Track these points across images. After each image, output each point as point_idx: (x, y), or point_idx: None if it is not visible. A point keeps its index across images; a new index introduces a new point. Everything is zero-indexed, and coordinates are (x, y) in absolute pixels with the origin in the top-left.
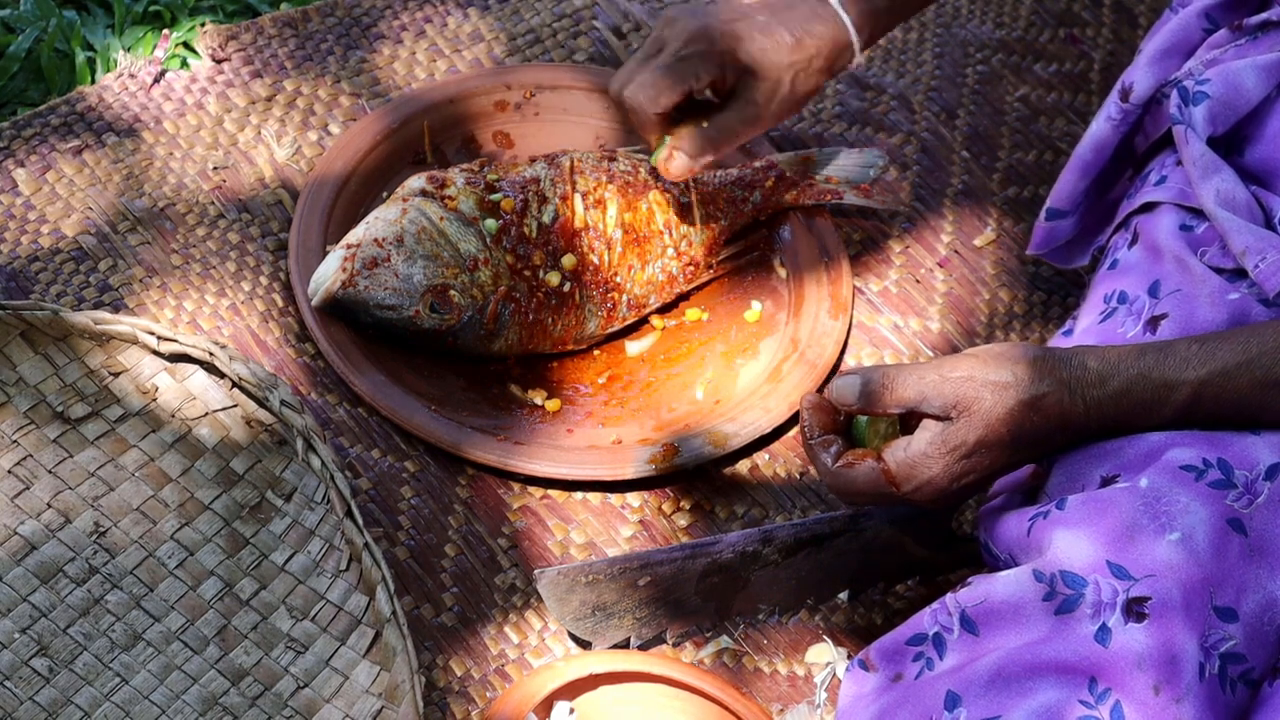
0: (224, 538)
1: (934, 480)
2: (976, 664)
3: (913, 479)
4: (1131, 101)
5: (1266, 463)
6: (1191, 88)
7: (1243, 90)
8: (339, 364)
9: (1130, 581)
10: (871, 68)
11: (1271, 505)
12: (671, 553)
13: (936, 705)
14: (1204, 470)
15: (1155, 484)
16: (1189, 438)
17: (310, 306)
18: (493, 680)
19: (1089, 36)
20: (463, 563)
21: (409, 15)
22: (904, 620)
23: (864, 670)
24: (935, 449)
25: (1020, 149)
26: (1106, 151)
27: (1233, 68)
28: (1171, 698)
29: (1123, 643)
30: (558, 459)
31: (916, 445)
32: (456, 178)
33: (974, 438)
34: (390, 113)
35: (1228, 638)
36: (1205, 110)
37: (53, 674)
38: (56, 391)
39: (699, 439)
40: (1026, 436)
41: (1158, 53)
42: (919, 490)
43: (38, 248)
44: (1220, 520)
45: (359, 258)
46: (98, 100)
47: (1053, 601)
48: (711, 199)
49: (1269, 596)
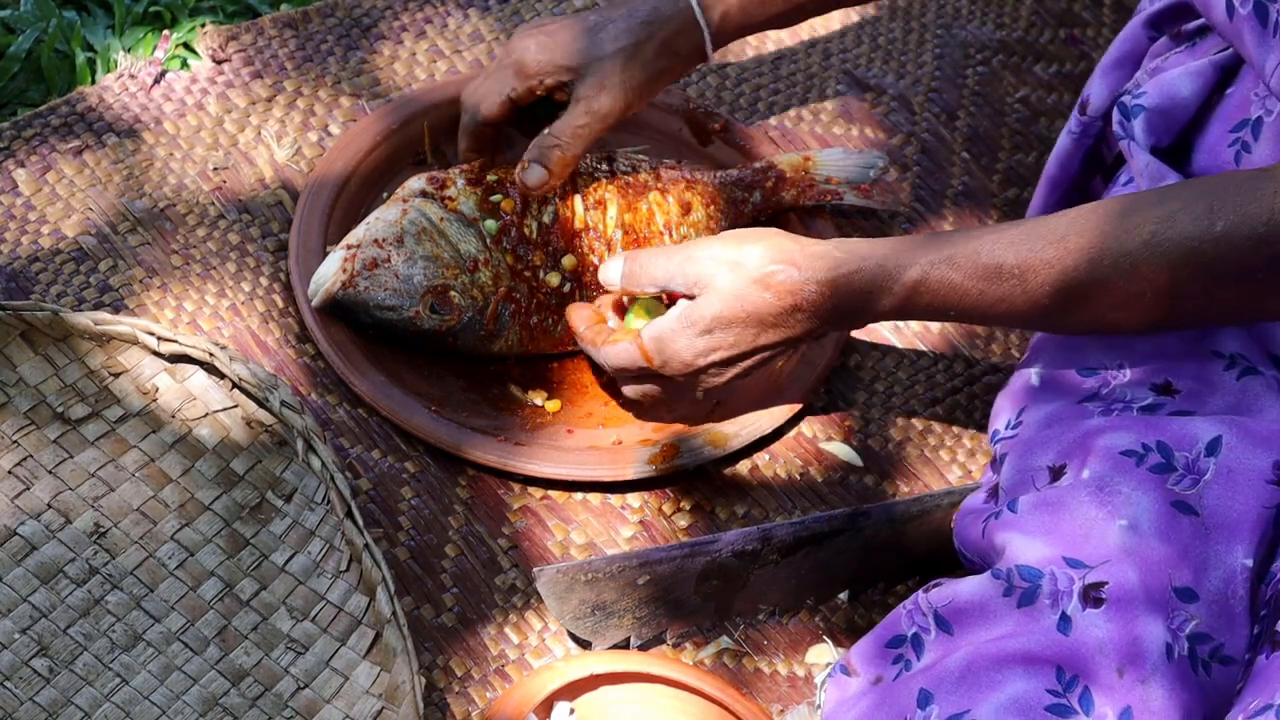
0: (224, 538)
1: (680, 354)
2: (947, 660)
3: (662, 353)
4: (1089, 114)
5: (1206, 438)
6: (1129, 102)
7: (1178, 99)
8: (339, 364)
9: (1085, 569)
10: (872, 68)
11: (1219, 480)
12: (670, 551)
13: (910, 704)
14: (1144, 455)
15: (1097, 473)
16: (1127, 421)
17: (310, 307)
18: (493, 680)
19: (1089, 37)
20: (463, 563)
21: (409, 16)
22: None
23: (845, 675)
24: (679, 324)
25: (1020, 150)
26: (1072, 164)
27: (1167, 77)
28: (1136, 679)
29: (1083, 629)
30: (558, 459)
31: (664, 321)
32: (457, 178)
33: (710, 313)
34: (390, 113)
35: (1190, 618)
36: (1143, 122)
37: (53, 674)
38: (57, 392)
39: (699, 439)
40: (762, 314)
41: (1110, 64)
42: (668, 364)
43: (38, 248)
44: (1164, 504)
45: (359, 258)
46: (98, 101)
47: (1013, 596)
48: (712, 200)
49: (1228, 570)
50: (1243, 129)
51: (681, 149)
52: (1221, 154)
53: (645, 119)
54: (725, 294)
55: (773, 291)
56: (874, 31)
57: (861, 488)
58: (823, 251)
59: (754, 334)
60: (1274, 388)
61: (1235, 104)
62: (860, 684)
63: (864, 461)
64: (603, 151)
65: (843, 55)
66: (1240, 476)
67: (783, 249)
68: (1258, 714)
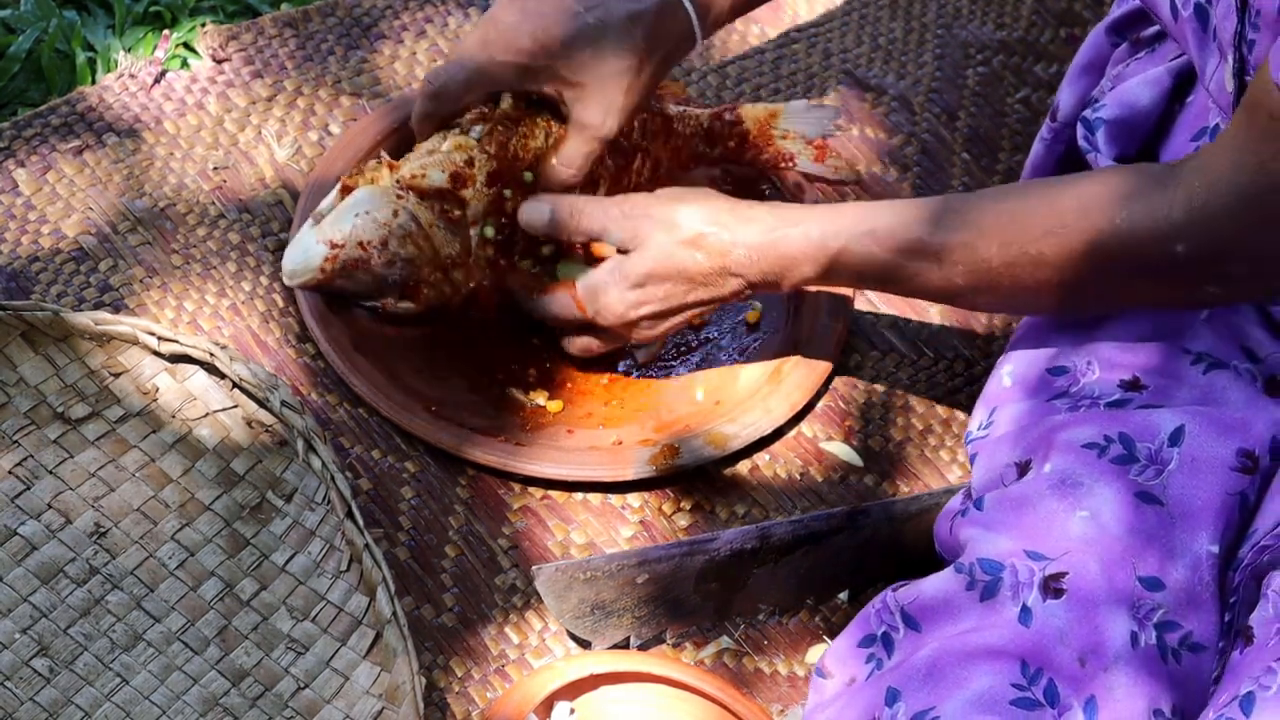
0: (224, 538)
1: (612, 305)
2: (913, 658)
3: (595, 302)
4: (1059, 121)
5: (1169, 428)
6: (1090, 115)
7: (1137, 108)
8: (339, 364)
9: (1045, 561)
10: (872, 68)
11: (1183, 469)
12: (670, 550)
13: (878, 703)
14: (1106, 446)
15: (1059, 467)
16: (1093, 415)
17: (310, 307)
18: (493, 680)
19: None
20: (463, 563)
21: (409, 15)
22: None
23: (822, 678)
24: (612, 277)
25: (1021, 150)
26: (1045, 171)
27: (1126, 87)
28: (1099, 667)
29: (1043, 620)
30: (558, 460)
31: (598, 273)
32: (479, 174)
33: (644, 269)
34: (391, 112)
35: (1158, 607)
36: (1105, 134)
37: (53, 674)
38: (57, 392)
39: (699, 440)
40: (692, 273)
41: (1076, 71)
42: (600, 314)
43: (38, 248)
44: (1127, 494)
45: (341, 259)
46: (98, 100)
47: (975, 589)
48: (678, 153)
49: (1194, 557)
50: (1202, 136)
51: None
52: None
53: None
54: (658, 251)
55: (703, 252)
56: (874, 31)
57: (861, 488)
58: (754, 215)
59: (684, 290)
60: (1243, 378)
61: (1195, 111)
62: (836, 686)
63: (864, 461)
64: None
65: (843, 55)
66: (1204, 464)
67: (715, 211)
68: (1225, 707)
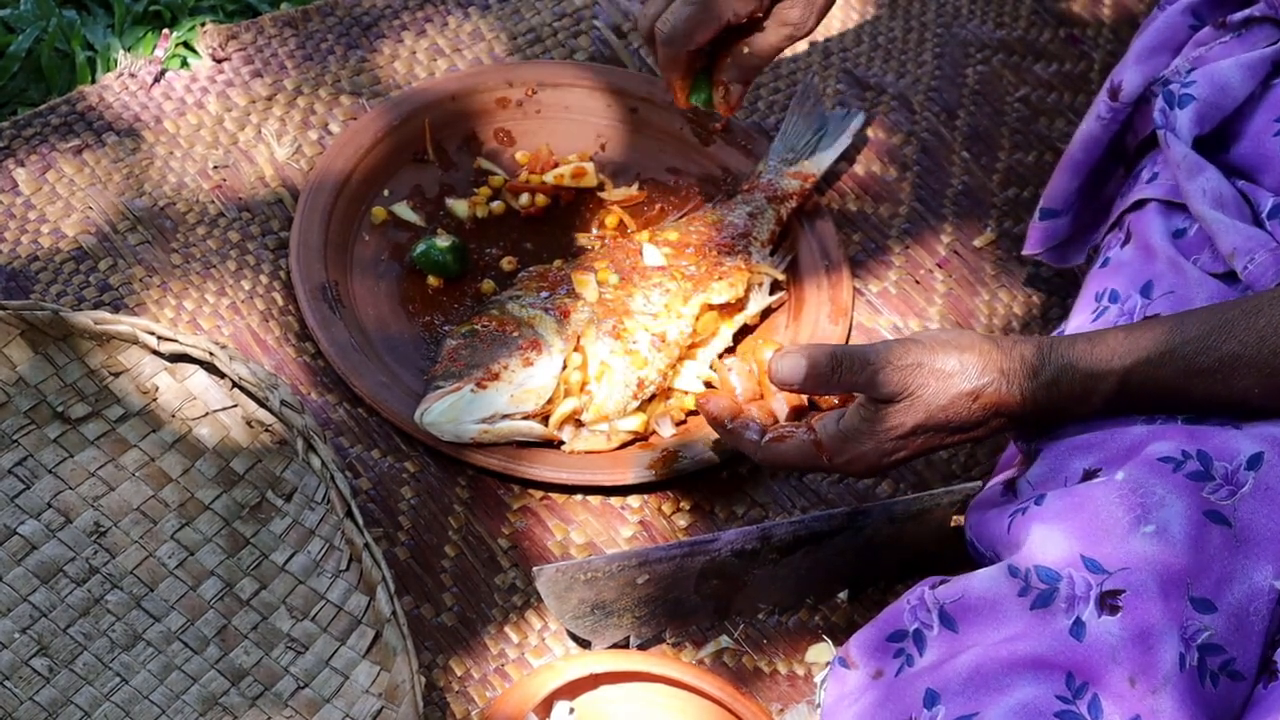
0: (224, 538)
1: (865, 455)
2: (955, 661)
3: (844, 452)
4: (1121, 100)
5: (1248, 453)
6: (1177, 91)
7: (1229, 90)
8: (339, 364)
9: (1104, 575)
10: (872, 68)
11: (1257, 495)
12: (670, 550)
13: (916, 703)
14: (1182, 461)
15: (1132, 477)
16: (1171, 430)
17: (310, 307)
18: (493, 680)
19: (1089, 36)
20: (463, 563)
21: (409, 15)
22: None
23: (844, 668)
24: (870, 427)
25: (1020, 149)
26: (1096, 150)
27: (1218, 68)
28: (1148, 689)
29: (1097, 636)
30: (559, 464)
31: (851, 421)
32: (583, 301)
33: (912, 422)
34: (391, 110)
35: (1204, 628)
36: (1192, 113)
37: (53, 674)
38: (57, 391)
39: (699, 443)
40: (963, 421)
41: (1145, 50)
42: (850, 464)
43: (38, 247)
44: (1197, 512)
45: (490, 437)
46: (98, 100)
47: (1028, 596)
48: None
49: (1253, 586)
50: None
51: (683, 148)
52: (1266, 143)
53: (646, 118)
54: (933, 406)
55: (980, 403)
56: (874, 31)
57: (862, 488)
58: (1025, 356)
59: (945, 436)
60: None
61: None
62: (860, 677)
63: None
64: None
65: (843, 55)
66: (1278, 493)
67: (991, 359)
68: None
